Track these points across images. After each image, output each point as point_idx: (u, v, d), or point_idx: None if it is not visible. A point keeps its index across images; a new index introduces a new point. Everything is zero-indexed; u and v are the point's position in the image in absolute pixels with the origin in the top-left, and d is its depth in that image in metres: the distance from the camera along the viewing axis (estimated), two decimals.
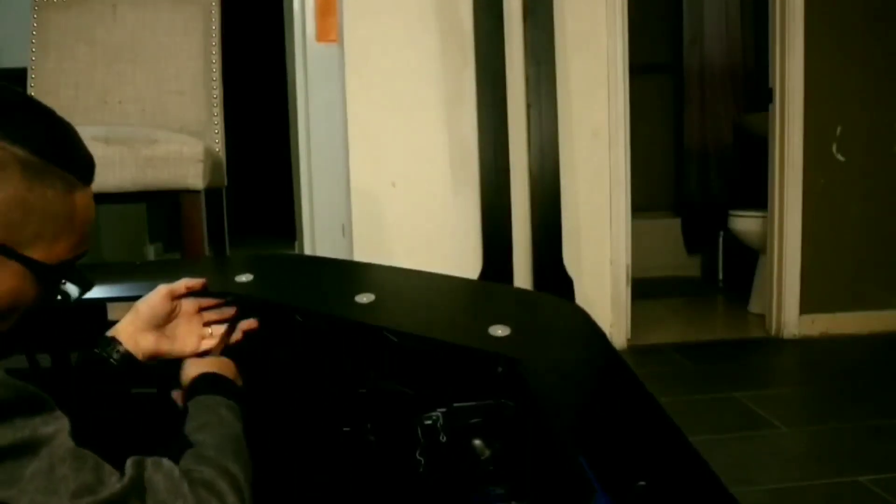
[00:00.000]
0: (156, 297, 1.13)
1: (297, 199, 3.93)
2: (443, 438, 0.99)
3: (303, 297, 1.25)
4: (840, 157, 3.32)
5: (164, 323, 1.14)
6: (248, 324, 1.21)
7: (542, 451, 0.96)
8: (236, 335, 1.19)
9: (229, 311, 1.21)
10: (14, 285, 0.83)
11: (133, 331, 1.10)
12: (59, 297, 0.92)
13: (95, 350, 1.07)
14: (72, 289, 0.92)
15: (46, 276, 0.86)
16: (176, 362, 1.13)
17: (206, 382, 1.03)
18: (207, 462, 0.85)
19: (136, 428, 1.09)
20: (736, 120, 4.56)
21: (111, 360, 1.06)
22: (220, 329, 1.18)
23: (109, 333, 1.09)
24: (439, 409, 1.01)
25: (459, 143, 3.09)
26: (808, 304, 3.35)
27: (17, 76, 2.78)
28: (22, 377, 0.75)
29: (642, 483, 0.82)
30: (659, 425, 0.95)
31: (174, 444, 0.88)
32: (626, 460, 0.88)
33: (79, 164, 0.87)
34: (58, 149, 0.83)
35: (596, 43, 3.14)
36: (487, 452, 0.99)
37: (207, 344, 1.16)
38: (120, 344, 1.08)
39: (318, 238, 3.73)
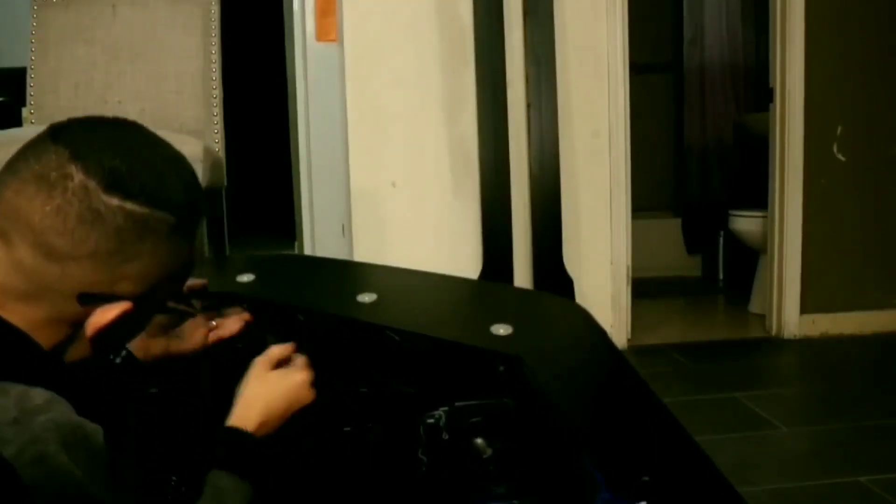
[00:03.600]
0: None
1: (297, 199, 3.93)
2: (445, 437, 0.99)
3: (305, 297, 1.25)
4: (840, 157, 3.32)
5: (171, 325, 1.14)
6: (248, 315, 1.21)
7: (544, 449, 0.96)
8: (237, 325, 1.19)
9: (229, 311, 1.21)
10: (142, 326, 0.92)
11: (142, 338, 1.11)
12: None
13: (106, 359, 1.08)
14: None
15: (169, 313, 0.96)
16: (177, 361, 1.13)
17: (235, 449, 0.95)
18: None
19: (144, 431, 1.09)
20: (736, 120, 4.56)
21: (121, 367, 1.07)
22: (223, 322, 1.19)
23: None
24: (441, 408, 1.01)
25: (459, 143, 3.08)
26: (809, 304, 3.35)
27: (17, 76, 2.78)
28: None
29: (646, 478, 0.82)
30: (661, 422, 0.95)
31: None
32: (629, 456, 0.88)
33: (203, 212, 0.91)
34: (193, 208, 0.87)
35: (596, 43, 3.14)
36: (489, 451, 0.99)
37: (213, 337, 1.17)
38: (129, 352, 1.09)
39: (318, 238, 3.73)
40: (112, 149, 0.82)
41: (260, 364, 1.03)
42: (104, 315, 0.82)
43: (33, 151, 0.80)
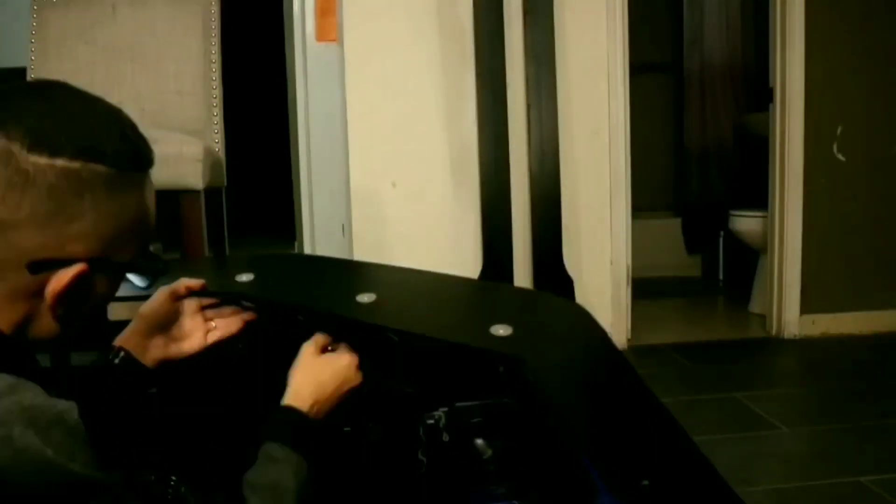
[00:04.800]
0: (158, 300, 1.13)
1: (297, 199, 3.93)
2: (445, 438, 0.99)
3: (304, 297, 1.25)
4: (840, 157, 3.32)
5: (169, 325, 1.14)
6: (248, 315, 1.21)
7: (544, 449, 0.96)
8: (237, 324, 1.19)
9: (228, 311, 1.21)
10: (107, 290, 0.86)
11: (140, 338, 1.11)
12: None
13: (106, 359, 1.08)
14: (144, 276, 0.95)
15: (132, 272, 0.89)
16: (177, 362, 1.13)
17: (289, 423, 0.99)
18: None
19: (144, 431, 1.09)
20: (736, 120, 4.55)
21: (120, 368, 1.07)
22: (223, 322, 1.18)
23: (116, 342, 1.10)
24: (441, 409, 1.00)
25: (459, 143, 3.08)
26: (809, 304, 3.35)
27: (17, 76, 2.78)
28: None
29: (646, 482, 0.82)
30: (661, 424, 0.95)
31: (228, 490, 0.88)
32: (629, 459, 0.88)
33: (147, 160, 0.86)
34: (133, 157, 0.84)
35: (596, 43, 3.14)
36: (489, 452, 0.99)
37: (213, 337, 1.17)
38: (128, 352, 1.09)
39: (318, 238, 3.73)
40: (33, 109, 0.79)
41: (308, 349, 1.08)
42: (60, 280, 0.79)
43: None
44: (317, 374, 1.05)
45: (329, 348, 1.11)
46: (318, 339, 1.11)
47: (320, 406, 1.03)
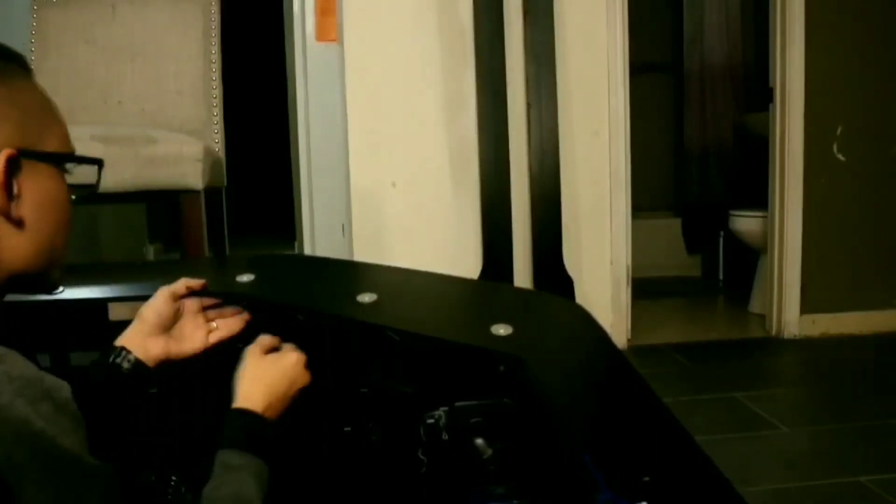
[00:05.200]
0: (159, 301, 1.14)
1: (297, 199, 3.93)
2: (445, 437, 0.99)
3: (305, 297, 1.25)
4: (840, 157, 3.32)
5: (170, 325, 1.14)
6: (248, 315, 1.21)
7: (544, 449, 0.96)
8: (238, 324, 1.19)
9: (229, 311, 1.21)
10: (53, 186, 0.85)
11: (142, 338, 1.11)
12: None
13: (107, 359, 1.07)
14: (87, 174, 0.92)
15: (67, 161, 0.88)
16: (178, 362, 1.13)
17: (244, 428, 0.94)
18: None
19: (144, 431, 1.09)
20: (736, 120, 4.55)
21: (122, 369, 1.06)
22: (224, 322, 1.18)
23: (118, 342, 1.10)
24: (441, 408, 1.00)
25: (459, 143, 3.08)
26: (809, 304, 3.35)
27: None
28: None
29: (647, 479, 0.82)
30: (662, 422, 0.95)
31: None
32: (630, 457, 0.88)
33: (18, 55, 0.87)
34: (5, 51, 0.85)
35: (596, 43, 3.14)
36: (489, 451, 0.99)
37: (214, 337, 1.17)
38: (130, 352, 1.08)
39: (318, 238, 3.73)
40: None
41: (253, 351, 1.04)
42: None
43: None
44: (265, 375, 1.00)
45: (276, 349, 1.07)
46: (263, 340, 1.07)
47: (273, 410, 0.98)
